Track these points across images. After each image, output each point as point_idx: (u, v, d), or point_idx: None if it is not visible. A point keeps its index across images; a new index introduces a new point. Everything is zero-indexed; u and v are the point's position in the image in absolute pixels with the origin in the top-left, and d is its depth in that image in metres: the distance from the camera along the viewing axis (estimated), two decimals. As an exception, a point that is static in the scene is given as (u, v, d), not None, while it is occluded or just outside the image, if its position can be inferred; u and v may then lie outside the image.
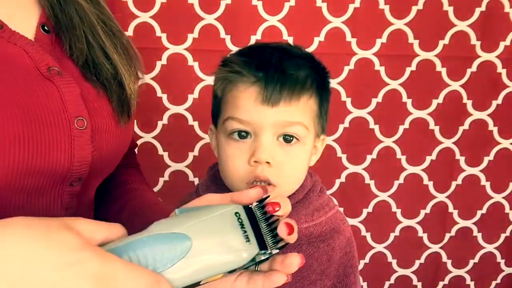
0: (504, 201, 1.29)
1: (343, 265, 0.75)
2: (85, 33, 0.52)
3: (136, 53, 0.59)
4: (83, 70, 0.51)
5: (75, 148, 0.47)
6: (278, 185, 0.66)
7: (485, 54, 1.17)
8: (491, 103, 1.21)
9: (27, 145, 0.43)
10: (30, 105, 0.44)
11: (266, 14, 1.11)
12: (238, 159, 0.65)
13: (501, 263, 1.34)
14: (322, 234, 0.73)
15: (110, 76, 0.53)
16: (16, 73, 0.45)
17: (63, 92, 0.47)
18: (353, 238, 0.78)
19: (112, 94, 0.53)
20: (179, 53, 1.11)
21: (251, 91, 0.63)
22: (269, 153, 0.63)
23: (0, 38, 0.46)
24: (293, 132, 0.65)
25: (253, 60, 0.65)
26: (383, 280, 1.32)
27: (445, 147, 1.23)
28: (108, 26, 0.55)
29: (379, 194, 1.26)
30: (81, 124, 0.48)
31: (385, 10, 1.13)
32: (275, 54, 0.67)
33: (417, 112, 1.20)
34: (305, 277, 0.73)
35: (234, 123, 0.65)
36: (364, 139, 1.21)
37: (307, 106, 0.66)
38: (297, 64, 0.67)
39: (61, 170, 0.47)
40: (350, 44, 1.14)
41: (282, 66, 0.65)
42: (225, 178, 0.69)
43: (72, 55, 0.51)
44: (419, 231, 1.29)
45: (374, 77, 1.17)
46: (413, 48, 1.16)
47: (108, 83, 0.53)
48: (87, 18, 0.53)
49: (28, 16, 0.50)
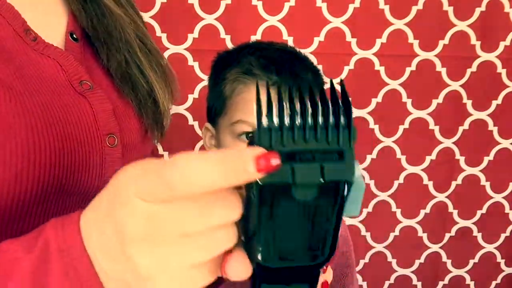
0: (504, 201, 1.29)
1: (340, 265, 0.76)
2: (122, 47, 0.50)
3: (173, 74, 0.58)
4: (120, 84, 0.50)
5: (105, 167, 0.46)
6: None
7: (485, 54, 1.17)
8: (491, 103, 1.21)
9: (63, 162, 0.41)
10: (64, 121, 0.42)
11: (266, 14, 1.11)
12: None
13: (501, 263, 1.34)
14: None
15: (145, 93, 0.51)
16: (51, 87, 0.43)
17: (96, 108, 0.46)
18: (350, 237, 0.78)
19: (147, 111, 0.52)
20: (179, 53, 1.11)
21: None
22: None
23: (34, 51, 0.44)
24: None
25: (267, 63, 0.65)
26: (383, 280, 1.32)
27: (445, 147, 1.23)
28: (144, 43, 0.54)
29: (379, 193, 1.26)
30: (112, 142, 0.46)
31: (385, 10, 1.13)
32: (285, 56, 0.68)
33: (417, 112, 1.20)
34: None
35: (245, 126, 0.65)
36: (364, 139, 1.21)
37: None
38: (306, 67, 0.69)
39: (93, 190, 0.45)
40: (350, 44, 1.14)
41: (295, 69, 0.66)
42: None
43: (110, 67, 0.50)
44: (419, 231, 1.29)
45: (374, 77, 1.17)
46: (413, 48, 1.16)
47: (144, 99, 0.51)
48: (125, 32, 0.51)
49: (57, 23, 0.48)
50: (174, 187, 0.26)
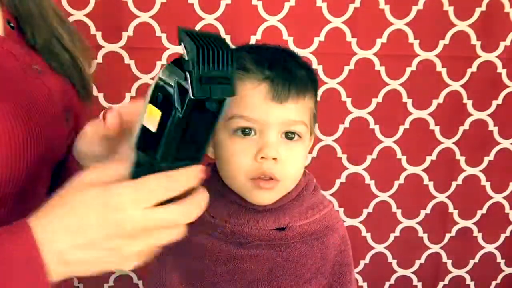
0: (504, 201, 1.29)
1: (338, 263, 0.76)
2: (43, 25, 0.56)
3: (88, 46, 0.64)
4: (48, 60, 0.56)
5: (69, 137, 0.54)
6: (282, 180, 0.67)
7: (485, 54, 1.17)
8: (491, 103, 1.21)
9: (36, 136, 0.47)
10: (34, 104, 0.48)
11: (266, 14, 1.11)
12: (243, 155, 0.66)
13: (501, 263, 1.34)
14: (316, 232, 0.74)
15: (70, 64, 0.58)
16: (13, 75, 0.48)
17: (52, 89, 0.52)
18: (347, 236, 0.78)
19: (75, 80, 0.59)
20: (179, 53, 1.11)
21: (260, 88, 0.65)
22: (276, 150, 0.65)
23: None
24: (297, 130, 0.67)
25: (261, 58, 0.67)
26: (383, 280, 1.32)
27: (445, 147, 1.23)
28: (63, 21, 0.60)
29: (379, 194, 1.26)
30: (68, 116, 0.54)
31: (385, 10, 1.13)
32: (278, 53, 0.69)
33: (417, 112, 1.20)
34: (300, 275, 0.73)
35: (240, 121, 0.65)
36: (364, 139, 1.21)
37: (308, 105, 0.69)
38: (298, 64, 0.70)
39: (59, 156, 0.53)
40: (350, 44, 1.14)
41: (288, 65, 0.67)
42: (227, 174, 0.70)
43: (37, 45, 0.55)
44: (419, 231, 1.29)
45: (374, 77, 1.17)
46: (413, 48, 1.16)
47: (69, 70, 0.58)
48: (44, 10, 0.57)
49: None
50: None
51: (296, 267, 0.72)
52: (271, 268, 0.71)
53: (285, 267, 0.71)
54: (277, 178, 0.66)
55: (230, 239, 0.70)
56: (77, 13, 1.07)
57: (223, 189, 0.71)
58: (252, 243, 0.70)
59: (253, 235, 0.70)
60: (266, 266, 0.71)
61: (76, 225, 0.38)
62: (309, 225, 0.73)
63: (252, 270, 0.71)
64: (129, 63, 1.11)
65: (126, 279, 1.25)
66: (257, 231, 0.70)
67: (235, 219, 0.70)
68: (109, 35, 1.09)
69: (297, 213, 0.72)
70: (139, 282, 1.26)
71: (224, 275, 0.71)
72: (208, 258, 0.71)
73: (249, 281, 0.71)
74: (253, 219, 0.70)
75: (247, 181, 0.67)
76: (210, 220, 0.71)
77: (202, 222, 0.71)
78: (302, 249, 0.72)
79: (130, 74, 1.11)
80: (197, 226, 0.70)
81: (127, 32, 1.09)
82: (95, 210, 0.38)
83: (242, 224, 0.70)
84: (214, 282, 0.71)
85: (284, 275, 0.72)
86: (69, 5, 1.06)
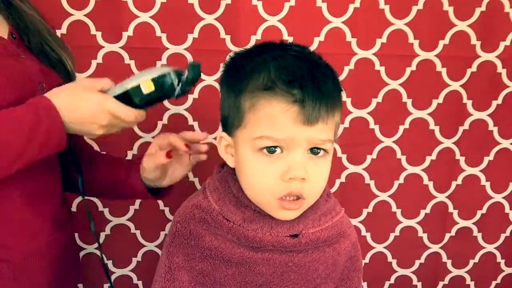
0: (504, 201, 1.29)
1: (347, 269, 0.76)
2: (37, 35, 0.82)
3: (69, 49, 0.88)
4: (41, 58, 0.81)
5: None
6: (308, 198, 0.67)
7: (485, 54, 1.17)
8: (491, 103, 1.21)
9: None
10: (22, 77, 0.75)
11: (266, 14, 1.11)
12: (270, 174, 0.65)
13: (501, 263, 1.34)
14: (329, 238, 0.73)
15: (57, 61, 0.83)
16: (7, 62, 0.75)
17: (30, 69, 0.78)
18: (358, 242, 0.78)
19: (61, 72, 0.84)
20: (179, 53, 1.11)
21: (291, 112, 0.63)
22: (304, 169, 0.64)
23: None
24: (323, 147, 0.66)
25: (288, 76, 0.64)
26: (383, 280, 1.32)
27: (445, 147, 1.23)
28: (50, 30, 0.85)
29: (379, 194, 1.26)
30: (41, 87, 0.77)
31: (385, 10, 1.13)
32: (305, 67, 0.66)
33: (417, 112, 1.20)
34: (310, 280, 0.73)
35: (268, 141, 0.64)
36: (364, 139, 1.21)
37: (335, 121, 0.68)
38: (326, 75, 0.67)
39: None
40: (350, 44, 1.14)
41: (317, 82, 0.64)
42: (252, 191, 0.69)
43: (33, 49, 0.81)
44: (419, 231, 1.29)
45: (374, 77, 1.17)
46: (413, 48, 1.16)
47: (58, 65, 0.84)
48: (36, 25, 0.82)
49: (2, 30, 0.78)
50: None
51: (307, 273, 0.72)
52: (283, 273, 0.71)
53: (297, 272, 0.71)
54: (304, 197, 0.66)
55: (243, 243, 0.70)
56: (77, 13, 1.07)
57: (238, 193, 0.71)
58: (265, 248, 0.70)
59: (267, 241, 0.69)
60: (278, 271, 0.71)
61: (71, 91, 0.74)
62: (321, 232, 0.72)
63: (263, 273, 0.71)
64: (129, 63, 1.11)
65: (126, 279, 1.25)
66: (270, 237, 0.69)
67: (249, 224, 0.70)
68: (109, 35, 1.09)
69: (310, 220, 0.72)
70: (139, 282, 1.26)
71: (235, 277, 0.71)
72: (220, 260, 0.71)
73: (260, 284, 0.71)
74: (268, 225, 0.70)
75: (273, 200, 0.66)
76: (224, 222, 0.71)
77: (216, 224, 0.71)
78: (314, 255, 0.72)
79: (130, 74, 1.11)
80: (211, 227, 0.70)
81: (127, 32, 1.09)
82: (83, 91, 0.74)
83: (256, 230, 0.69)
84: (225, 284, 0.71)
85: (295, 279, 0.72)
86: (69, 5, 1.06)
